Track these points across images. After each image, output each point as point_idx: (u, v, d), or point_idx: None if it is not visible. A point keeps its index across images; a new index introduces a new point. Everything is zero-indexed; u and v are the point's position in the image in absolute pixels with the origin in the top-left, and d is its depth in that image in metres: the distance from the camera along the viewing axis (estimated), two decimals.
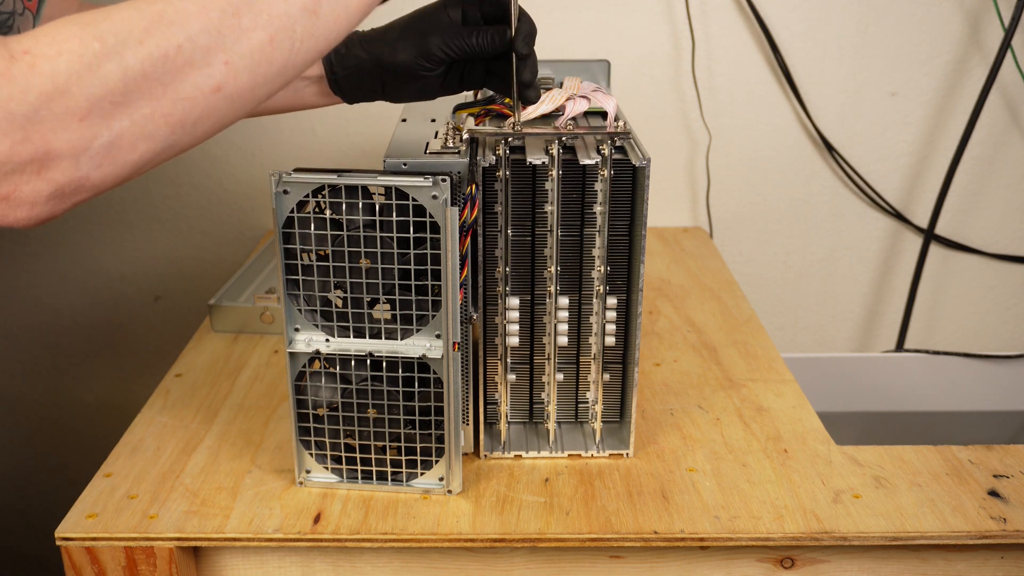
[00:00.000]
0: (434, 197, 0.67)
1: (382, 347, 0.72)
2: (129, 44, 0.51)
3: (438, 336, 0.72)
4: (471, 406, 0.80)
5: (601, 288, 0.78)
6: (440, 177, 0.67)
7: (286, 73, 0.57)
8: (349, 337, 0.72)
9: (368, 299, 0.71)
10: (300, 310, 0.72)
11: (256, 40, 0.55)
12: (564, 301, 0.79)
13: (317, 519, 0.72)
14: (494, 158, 0.73)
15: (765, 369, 0.96)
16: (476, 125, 0.78)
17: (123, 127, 0.52)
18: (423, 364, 0.72)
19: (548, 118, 0.77)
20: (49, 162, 0.51)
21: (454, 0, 0.73)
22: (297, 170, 0.68)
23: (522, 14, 0.71)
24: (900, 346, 1.40)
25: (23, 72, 0.49)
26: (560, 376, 0.81)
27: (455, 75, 0.75)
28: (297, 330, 0.73)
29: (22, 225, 0.53)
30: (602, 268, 0.77)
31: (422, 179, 0.67)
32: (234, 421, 0.86)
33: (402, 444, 0.75)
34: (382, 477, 0.76)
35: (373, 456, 0.75)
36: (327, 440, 0.75)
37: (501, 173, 0.74)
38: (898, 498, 0.75)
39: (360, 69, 0.77)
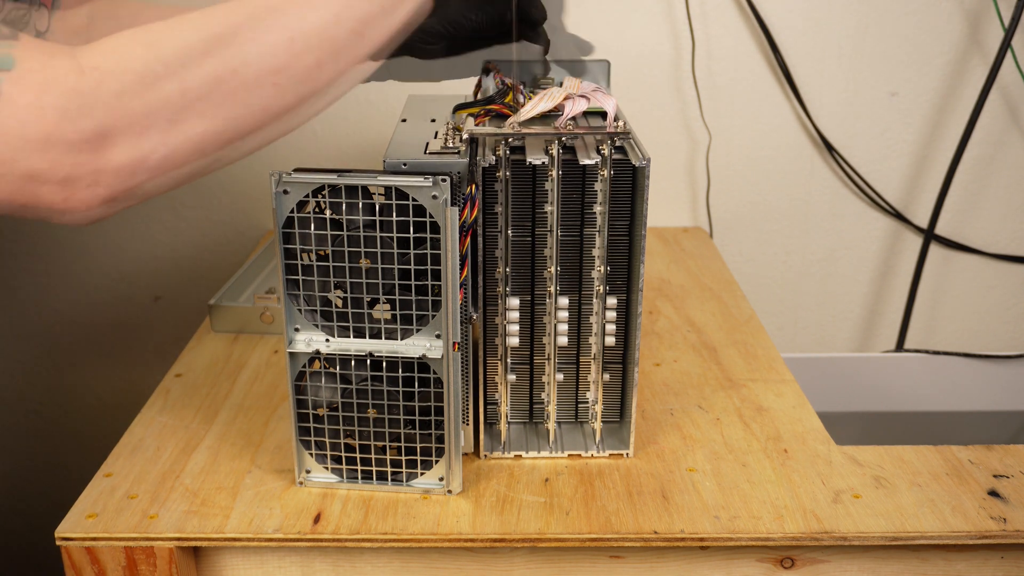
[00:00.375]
0: (434, 197, 0.67)
1: (382, 347, 0.72)
2: (190, 67, 0.54)
3: (438, 336, 0.72)
4: (471, 406, 0.80)
5: (601, 288, 0.78)
6: (440, 177, 0.67)
7: (331, 92, 0.61)
8: (349, 337, 0.72)
9: (368, 299, 0.71)
10: (300, 310, 0.72)
11: (305, 64, 0.58)
12: (564, 301, 0.79)
13: (317, 519, 0.72)
14: (494, 158, 0.73)
15: (765, 369, 0.96)
16: (476, 125, 0.78)
17: (177, 143, 0.55)
18: (423, 364, 0.72)
19: (548, 118, 0.77)
20: (107, 173, 0.54)
21: None
22: (297, 170, 0.68)
23: None
24: (900, 346, 1.40)
25: (91, 87, 0.52)
26: (560, 376, 0.81)
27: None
28: (297, 330, 0.73)
29: (74, 225, 0.57)
30: (602, 268, 0.77)
31: (422, 179, 0.67)
32: (234, 421, 0.86)
33: (402, 444, 0.75)
34: (382, 477, 0.76)
35: (373, 456, 0.75)
36: (327, 440, 0.75)
37: (501, 173, 0.74)
38: (898, 498, 0.75)
39: None
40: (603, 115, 0.79)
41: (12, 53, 0.50)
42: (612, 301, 0.78)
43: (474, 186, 0.72)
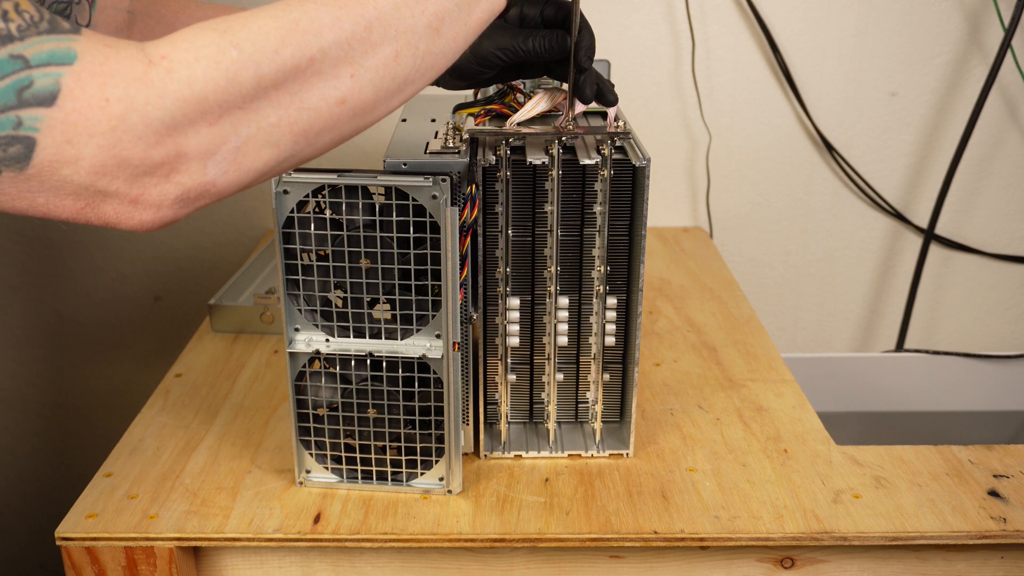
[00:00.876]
0: (434, 197, 0.67)
1: (382, 347, 0.72)
2: (265, 53, 0.52)
3: (438, 336, 0.72)
4: (471, 406, 0.80)
5: (601, 288, 0.78)
6: (440, 177, 0.67)
7: (406, 90, 0.58)
8: (349, 337, 0.72)
9: (368, 299, 0.71)
10: (300, 310, 0.72)
11: (382, 55, 0.55)
12: (564, 301, 0.79)
13: (317, 519, 0.72)
14: (494, 158, 0.73)
15: (765, 369, 0.96)
16: (476, 125, 0.78)
17: (250, 134, 0.53)
18: (423, 364, 0.72)
19: (548, 118, 0.77)
20: (179, 166, 0.51)
21: (514, 0, 0.72)
22: (297, 170, 0.68)
23: (583, 24, 0.68)
24: (900, 346, 1.40)
25: (161, 77, 0.49)
26: (560, 376, 0.81)
27: (512, 71, 0.74)
28: (297, 330, 0.73)
29: (144, 228, 0.53)
30: (602, 268, 0.77)
31: (422, 179, 0.67)
32: (234, 421, 0.86)
33: (402, 444, 0.75)
34: (382, 477, 0.76)
35: (373, 456, 0.75)
36: (327, 440, 0.75)
37: (501, 173, 0.74)
38: (898, 498, 0.75)
39: None
40: (603, 115, 0.79)
41: (74, 47, 0.48)
42: (612, 301, 0.78)
43: (474, 186, 0.72)
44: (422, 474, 0.75)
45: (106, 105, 0.48)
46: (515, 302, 0.78)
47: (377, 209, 0.69)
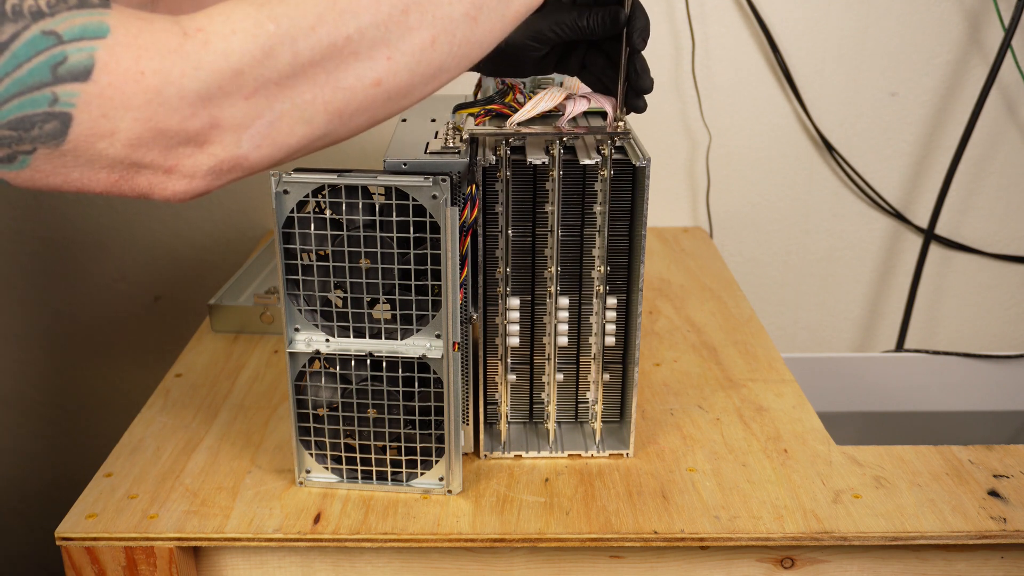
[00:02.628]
0: (434, 197, 0.67)
1: (382, 347, 0.72)
2: (302, 29, 0.52)
3: (438, 336, 0.72)
4: (471, 406, 0.80)
5: (601, 288, 0.78)
6: (440, 177, 0.67)
7: (440, 77, 0.58)
8: (349, 337, 0.72)
9: (368, 299, 0.71)
10: (300, 310, 0.72)
11: (419, 40, 0.55)
12: (564, 301, 0.79)
13: (317, 519, 0.72)
14: (494, 158, 0.73)
15: (765, 369, 0.96)
16: (476, 125, 0.78)
17: (284, 109, 0.53)
18: (423, 364, 0.72)
19: (548, 118, 0.77)
20: (213, 137, 0.51)
21: None
22: (297, 170, 0.68)
23: (637, 4, 0.68)
24: (900, 346, 1.40)
25: (196, 49, 0.49)
26: (560, 376, 0.81)
27: (553, 58, 0.74)
28: (297, 330, 0.73)
29: (176, 199, 0.53)
30: (602, 268, 0.77)
31: (422, 179, 0.67)
32: (234, 421, 0.86)
33: (402, 444, 0.75)
34: (382, 477, 0.76)
35: (373, 456, 0.75)
36: (327, 440, 0.75)
37: (501, 173, 0.74)
38: (898, 498, 0.75)
39: None
40: (603, 115, 0.79)
41: (106, 20, 0.48)
42: (612, 301, 0.78)
43: (474, 186, 0.72)
44: (422, 474, 0.75)
45: (141, 78, 0.48)
46: (515, 302, 0.78)
47: (377, 209, 0.69)
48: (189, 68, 0.49)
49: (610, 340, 0.79)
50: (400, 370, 0.72)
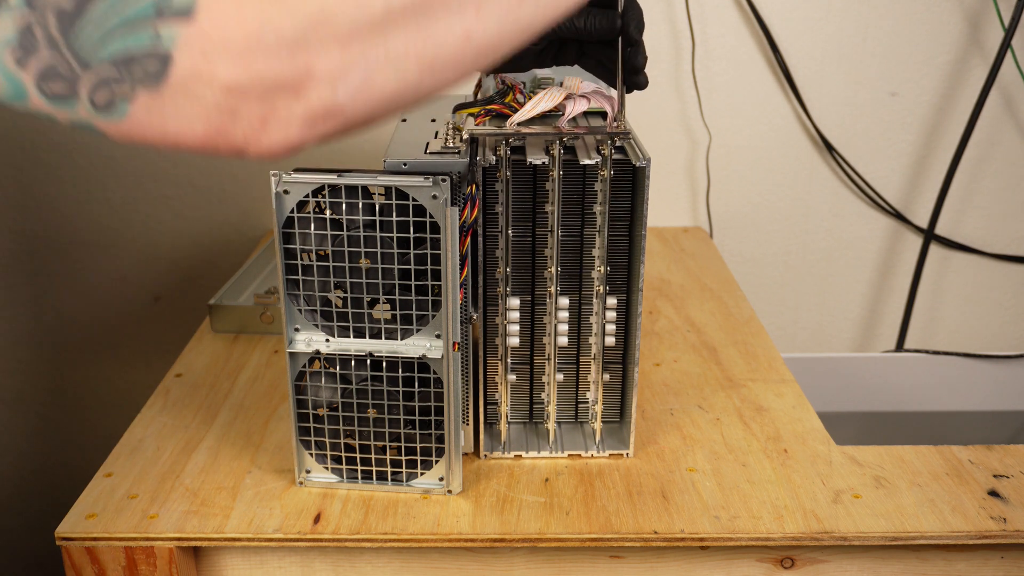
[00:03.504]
0: (434, 197, 0.67)
1: (382, 347, 0.72)
2: None
3: (438, 336, 0.72)
4: (471, 406, 0.80)
5: (601, 288, 0.78)
6: (440, 177, 0.67)
7: (523, 34, 0.58)
8: (349, 337, 0.72)
9: (368, 299, 0.71)
10: (300, 310, 0.72)
11: None
12: (564, 301, 0.79)
13: (317, 519, 0.72)
14: (494, 158, 0.73)
15: (765, 369, 0.96)
16: (476, 125, 0.78)
17: (378, 59, 0.52)
18: (423, 364, 0.72)
19: (548, 118, 0.77)
20: (308, 83, 0.51)
21: None
22: (297, 170, 0.68)
23: (628, 1, 0.70)
24: (900, 346, 1.40)
25: None
26: (560, 376, 0.81)
27: (551, 52, 0.75)
28: (297, 330, 0.73)
29: (272, 153, 0.53)
30: (602, 268, 0.77)
31: (422, 179, 0.67)
32: (234, 421, 0.86)
33: (402, 444, 0.75)
34: (382, 477, 0.76)
35: (373, 456, 0.75)
36: (327, 440, 0.75)
37: (501, 173, 0.74)
38: (898, 498, 0.75)
39: None
40: (603, 115, 0.79)
41: None
42: (612, 301, 0.78)
43: (474, 186, 0.72)
44: (422, 474, 0.75)
45: (242, 19, 0.48)
46: (515, 302, 0.78)
47: (377, 209, 0.69)
48: (286, 13, 0.49)
49: (610, 340, 0.79)
50: (400, 370, 0.72)
